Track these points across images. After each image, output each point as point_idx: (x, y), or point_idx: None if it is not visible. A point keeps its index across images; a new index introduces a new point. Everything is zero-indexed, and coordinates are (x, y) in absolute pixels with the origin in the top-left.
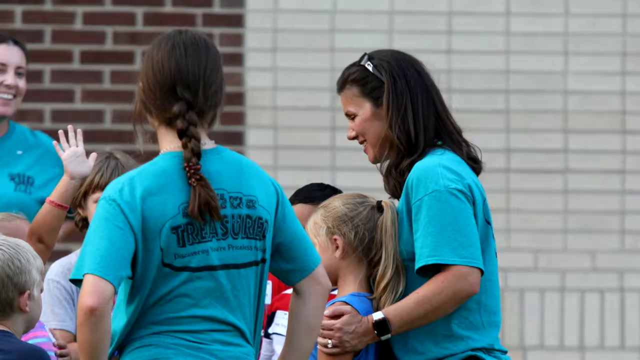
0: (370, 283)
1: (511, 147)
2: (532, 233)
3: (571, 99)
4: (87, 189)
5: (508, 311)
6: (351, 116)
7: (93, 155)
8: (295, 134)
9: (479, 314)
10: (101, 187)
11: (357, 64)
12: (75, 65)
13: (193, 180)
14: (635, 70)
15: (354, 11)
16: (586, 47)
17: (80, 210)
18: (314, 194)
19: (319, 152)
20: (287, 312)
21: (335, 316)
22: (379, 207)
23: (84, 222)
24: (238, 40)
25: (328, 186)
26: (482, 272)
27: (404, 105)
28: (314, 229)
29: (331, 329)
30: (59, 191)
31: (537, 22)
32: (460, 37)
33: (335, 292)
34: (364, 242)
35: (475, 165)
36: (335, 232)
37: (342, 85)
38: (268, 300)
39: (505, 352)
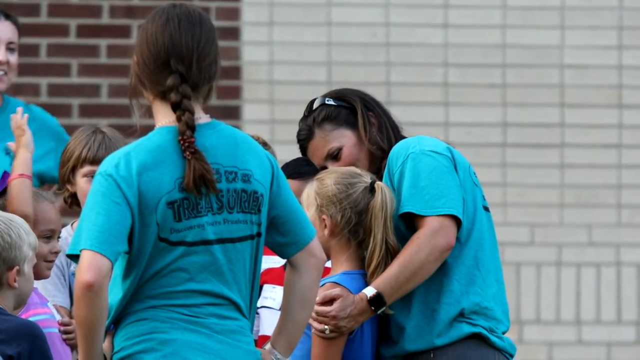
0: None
1: (507, 121)
2: (528, 207)
3: (568, 73)
4: (75, 163)
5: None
6: (333, 154)
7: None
8: (291, 108)
9: (477, 269)
10: (89, 161)
11: (312, 109)
12: (72, 39)
13: (188, 153)
14: (632, 44)
15: None
16: (583, 21)
17: (68, 186)
18: (302, 169)
19: None
20: (274, 286)
21: (328, 301)
22: (371, 188)
23: (73, 198)
24: (234, 14)
25: None
26: (458, 220)
27: (379, 117)
28: (307, 202)
29: (326, 316)
30: (26, 164)
31: None
32: (456, 11)
33: (329, 265)
34: (350, 224)
35: None
36: (323, 212)
37: (310, 131)
38: None
39: (507, 328)
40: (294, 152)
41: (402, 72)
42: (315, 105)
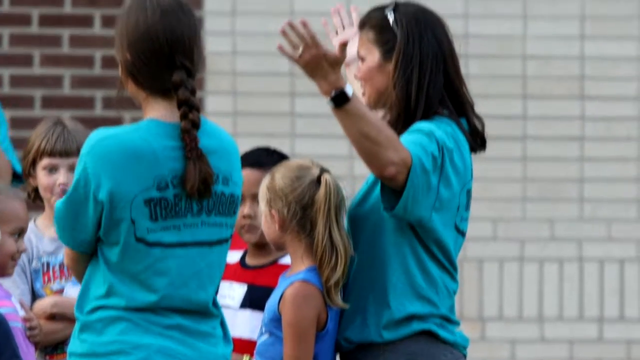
0: None
1: None
2: (491, 201)
3: (530, 64)
4: (34, 156)
5: (467, 281)
6: (360, 58)
7: None
8: (254, 100)
9: (433, 286)
10: (47, 153)
11: (382, 10)
12: (34, 29)
13: (194, 154)
14: (595, 35)
15: None
16: (545, 10)
17: (31, 180)
18: (262, 159)
19: (278, 118)
20: (231, 282)
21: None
22: (318, 180)
23: (36, 192)
24: (197, 3)
25: (275, 151)
26: (408, 170)
27: (411, 69)
28: (260, 196)
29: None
30: None
31: None
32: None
33: (288, 262)
34: (296, 218)
35: (475, 144)
36: (272, 206)
37: (362, 26)
38: None
39: (458, 324)
40: (257, 145)
41: None
42: (386, 9)
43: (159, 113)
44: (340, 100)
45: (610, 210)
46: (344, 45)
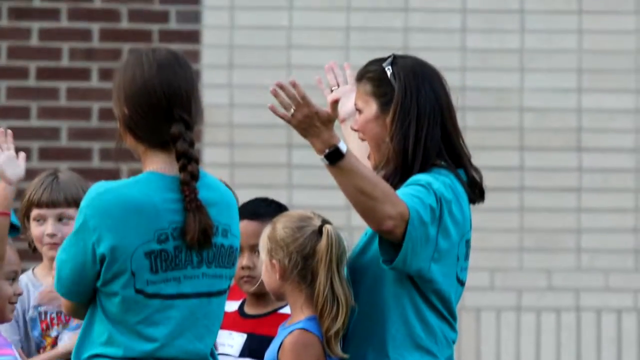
0: None
1: None
2: (488, 252)
3: (527, 116)
4: (26, 207)
5: (464, 331)
6: (358, 110)
7: (22, 154)
8: (251, 152)
9: (435, 339)
10: (36, 204)
11: (380, 62)
12: (31, 82)
13: (193, 205)
14: (591, 87)
15: (310, 27)
16: (542, 64)
17: (27, 231)
18: (260, 210)
19: (275, 169)
20: (230, 332)
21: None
22: (320, 231)
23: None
24: (194, 56)
25: (273, 201)
26: (406, 224)
27: (408, 122)
28: (261, 246)
29: (295, 98)
30: (5, 200)
31: (493, 38)
32: (416, 53)
33: (287, 311)
34: (297, 268)
35: (473, 194)
36: (273, 256)
37: (360, 78)
38: None
39: None
40: (254, 196)
41: None
42: (384, 63)
43: (158, 166)
44: (334, 157)
45: (608, 261)
46: (335, 103)
